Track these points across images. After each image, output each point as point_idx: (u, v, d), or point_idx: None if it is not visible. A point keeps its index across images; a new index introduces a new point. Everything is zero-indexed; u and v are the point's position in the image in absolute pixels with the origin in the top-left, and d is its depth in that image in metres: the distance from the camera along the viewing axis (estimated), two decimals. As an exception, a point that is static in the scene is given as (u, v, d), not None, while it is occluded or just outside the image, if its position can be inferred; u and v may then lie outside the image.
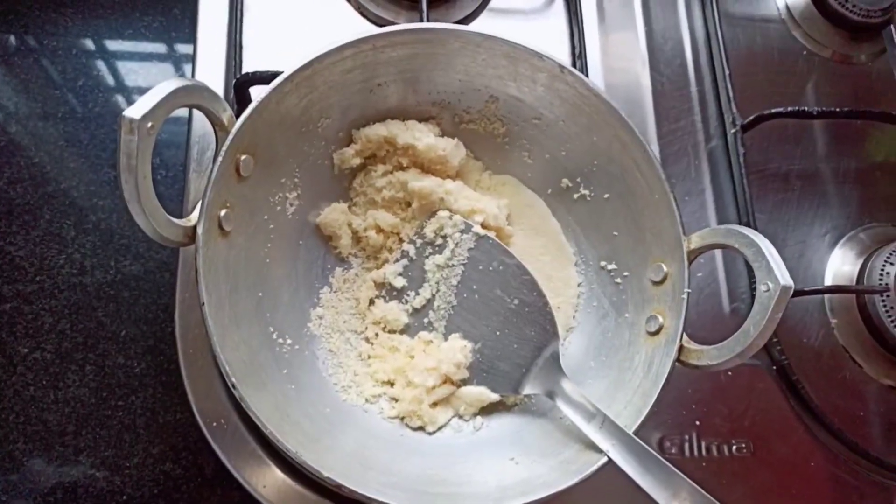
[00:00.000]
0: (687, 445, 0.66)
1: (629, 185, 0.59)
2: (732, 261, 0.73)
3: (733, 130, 0.76)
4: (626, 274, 0.62)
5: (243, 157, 0.52)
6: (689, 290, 0.54)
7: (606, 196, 0.62)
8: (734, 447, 0.67)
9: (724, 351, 0.50)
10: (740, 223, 0.72)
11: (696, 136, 0.79)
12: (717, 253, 0.75)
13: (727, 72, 0.78)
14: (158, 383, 0.64)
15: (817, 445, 0.68)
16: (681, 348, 0.53)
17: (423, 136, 0.61)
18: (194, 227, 0.49)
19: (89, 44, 0.79)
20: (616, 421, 0.52)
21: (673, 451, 0.66)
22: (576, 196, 0.65)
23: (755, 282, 0.66)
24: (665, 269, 0.56)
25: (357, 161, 0.63)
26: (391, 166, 0.63)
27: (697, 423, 0.67)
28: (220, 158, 0.50)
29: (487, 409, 0.60)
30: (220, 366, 0.47)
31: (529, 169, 0.67)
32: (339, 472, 0.48)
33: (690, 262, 0.54)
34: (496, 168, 0.68)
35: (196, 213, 0.49)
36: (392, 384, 0.60)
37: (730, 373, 0.72)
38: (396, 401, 0.60)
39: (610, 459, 0.50)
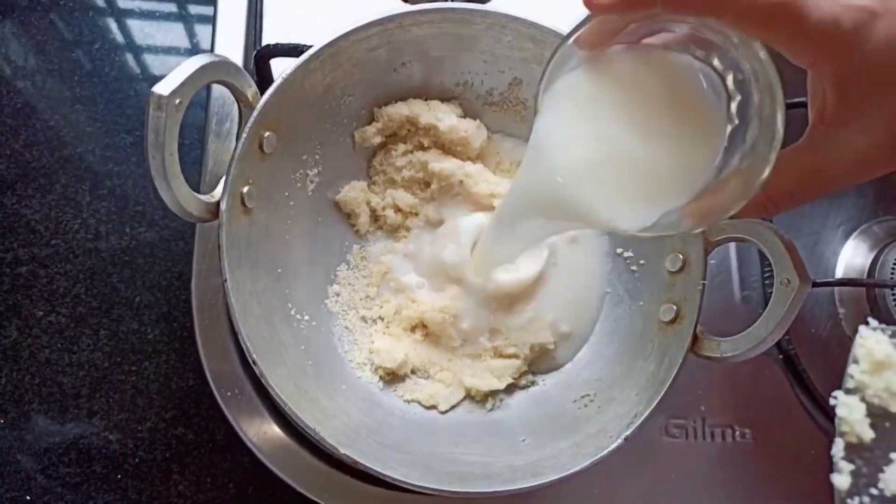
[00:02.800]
0: (691, 430, 0.66)
1: None
2: (745, 248, 0.72)
3: None
4: (642, 262, 0.61)
5: (267, 133, 0.52)
6: (706, 282, 0.53)
7: None
8: (738, 433, 0.66)
9: (739, 344, 0.50)
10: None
11: None
12: (732, 241, 0.74)
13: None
14: (171, 350, 0.64)
15: (819, 434, 0.67)
16: (695, 339, 0.52)
17: (445, 117, 0.60)
18: (218, 204, 0.49)
19: (104, 3, 0.78)
20: (626, 408, 0.53)
21: (677, 434, 0.66)
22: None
23: (767, 271, 0.69)
24: (682, 258, 0.55)
25: (378, 139, 0.63)
26: (412, 146, 0.63)
27: (703, 408, 0.66)
28: (244, 135, 0.50)
29: (502, 393, 0.61)
30: (242, 342, 0.47)
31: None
32: (356, 448, 0.48)
33: (708, 254, 0.53)
34: (518, 151, 0.66)
35: (219, 190, 0.49)
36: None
37: (711, 361, 0.72)
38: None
39: (623, 443, 0.50)
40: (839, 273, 0.76)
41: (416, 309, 0.61)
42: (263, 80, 0.61)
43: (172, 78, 0.42)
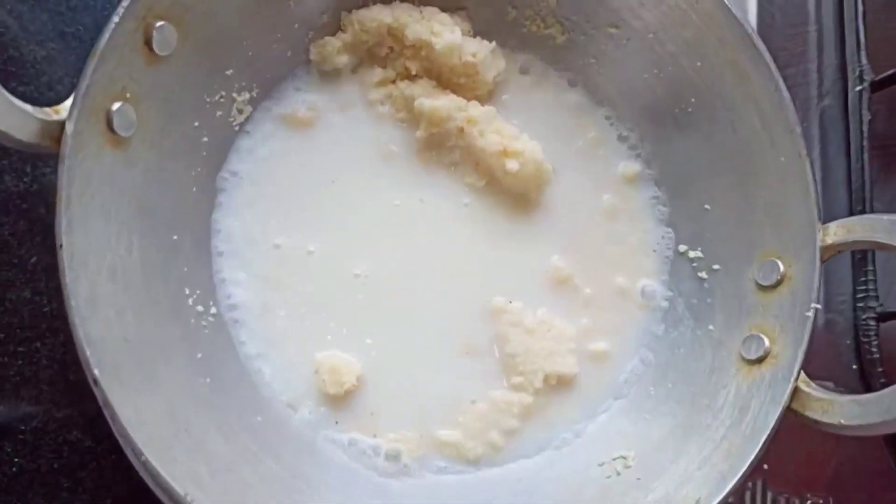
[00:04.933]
0: (749, 495, 0.58)
1: (741, 138, 0.48)
2: (833, 259, 0.58)
3: (858, 88, 0.64)
4: (716, 267, 0.51)
5: (159, 23, 0.40)
6: (818, 306, 0.44)
7: (702, 148, 0.52)
8: (809, 502, 0.59)
9: (874, 409, 0.39)
10: (851, 211, 0.64)
11: (808, 89, 0.68)
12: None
13: (860, 8, 0.66)
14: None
15: None
16: (795, 391, 0.43)
17: (444, 32, 0.50)
18: (63, 125, 0.37)
19: None
20: (682, 487, 0.43)
21: (730, 500, 0.54)
22: (657, 144, 0.58)
23: (861, 291, 0.60)
24: (782, 268, 0.46)
25: (344, 59, 0.52)
26: (393, 72, 0.53)
27: (765, 467, 0.56)
28: (116, 19, 0.38)
29: (496, 441, 0.50)
30: (78, 345, 0.36)
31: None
32: None
33: (824, 262, 0.45)
34: (547, 90, 0.57)
35: (69, 104, 0.37)
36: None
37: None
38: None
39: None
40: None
41: None
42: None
43: None
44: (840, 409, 0.40)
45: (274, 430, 0.46)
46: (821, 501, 0.59)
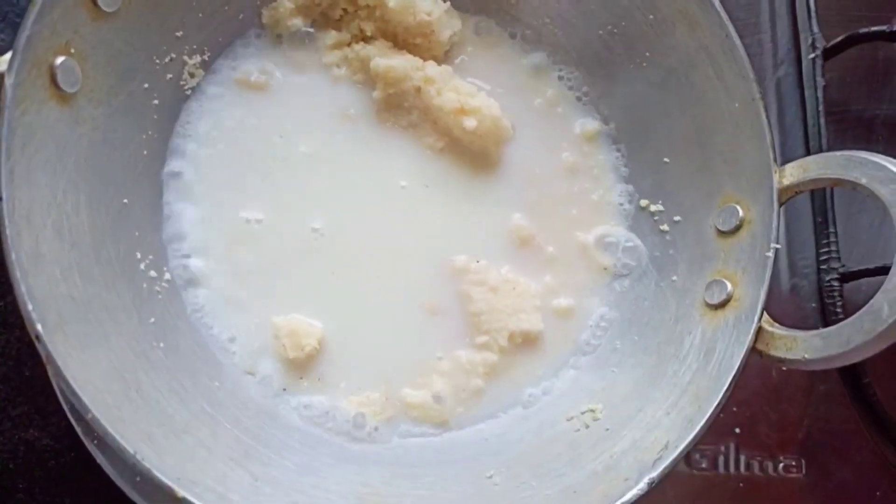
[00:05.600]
0: (722, 459, 0.58)
1: (696, 88, 0.48)
2: (796, 220, 0.63)
3: (812, 55, 0.65)
4: (677, 218, 0.51)
5: (103, -23, 0.40)
6: (778, 246, 0.44)
7: (659, 102, 0.51)
8: (782, 465, 0.59)
9: (834, 340, 0.39)
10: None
11: (763, 59, 0.68)
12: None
13: (810, -24, 0.68)
14: (26, 324, 0.55)
15: (887, 471, 0.60)
16: (759, 331, 0.43)
17: None
18: (2, 76, 0.36)
19: None
20: (651, 433, 0.43)
21: (703, 465, 0.58)
22: (613, 98, 0.58)
23: (825, 254, 0.60)
24: (741, 212, 0.46)
25: (297, 22, 0.51)
26: (348, 34, 0.52)
27: (737, 430, 0.58)
28: (57, -31, 0.36)
29: (462, 402, 0.50)
30: (19, 299, 0.34)
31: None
32: (211, 487, 0.35)
33: (782, 205, 0.45)
34: (501, 51, 0.57)
35: (9, 55, 0.36)
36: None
37: (784, 367, 0.64)
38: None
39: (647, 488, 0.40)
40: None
41: None
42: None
43: None
44: (803, 345, 0.40)
45: (232, 396, 0.45)
46: (793, 463, 0.59)
